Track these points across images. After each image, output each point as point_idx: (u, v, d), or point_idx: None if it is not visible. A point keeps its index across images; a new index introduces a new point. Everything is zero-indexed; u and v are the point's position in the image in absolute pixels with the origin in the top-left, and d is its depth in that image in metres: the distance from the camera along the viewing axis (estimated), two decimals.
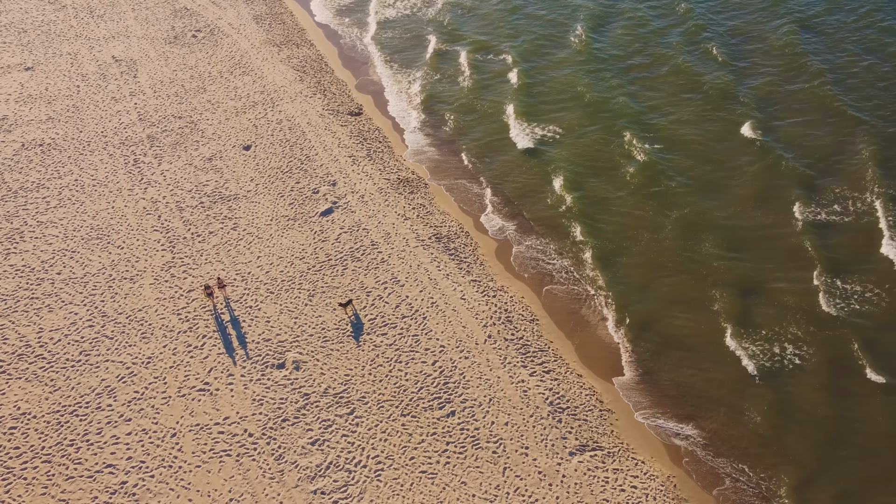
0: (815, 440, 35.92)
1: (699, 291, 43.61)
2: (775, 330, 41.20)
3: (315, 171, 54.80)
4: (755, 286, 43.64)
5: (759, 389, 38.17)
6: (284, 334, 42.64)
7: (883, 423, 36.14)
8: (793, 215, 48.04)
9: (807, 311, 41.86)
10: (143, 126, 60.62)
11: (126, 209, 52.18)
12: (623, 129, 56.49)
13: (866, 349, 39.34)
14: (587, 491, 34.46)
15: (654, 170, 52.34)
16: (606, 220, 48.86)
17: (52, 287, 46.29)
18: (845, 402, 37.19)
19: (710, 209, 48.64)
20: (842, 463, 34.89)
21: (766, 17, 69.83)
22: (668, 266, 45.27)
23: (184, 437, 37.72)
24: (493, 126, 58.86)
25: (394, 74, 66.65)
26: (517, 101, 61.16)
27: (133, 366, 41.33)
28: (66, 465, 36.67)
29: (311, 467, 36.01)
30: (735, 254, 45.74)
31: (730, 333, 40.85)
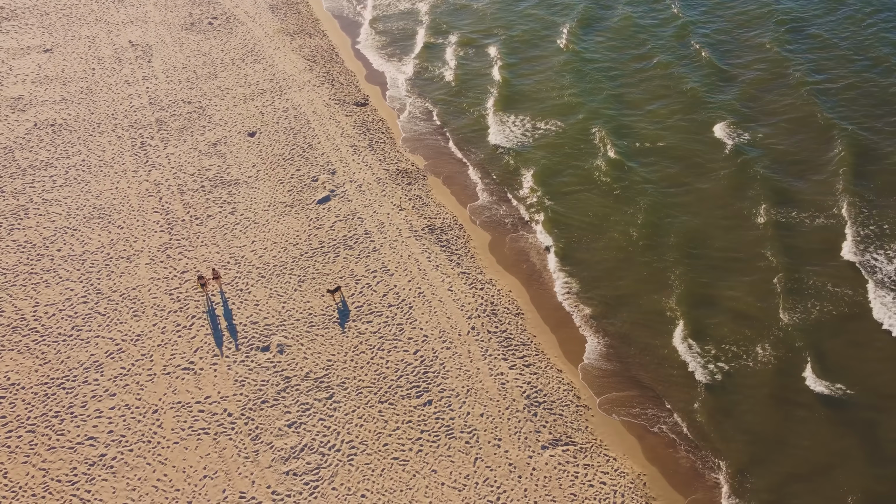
0: (761, 446, 35.66)
1: (664, 293, 43.39)
2: (730, 334, 40.89)
3: (316, 160, 55.31)
4: (716, 290, 43.36)
5: (719, 393, 37.92)
6: (272, 318, 43.18)
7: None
8: (757, 217, 47.65)
9: (760, 315, 41.46)
10: (153, 110, 61.60)
11: (129, 190, 53.11)
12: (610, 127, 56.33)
13: (814, 356, 38.98)
14: (556, 485, 34.52)
15: (636, 174, 52.14)
16: (602, 221, 48.77)
17: (51, 263, 47.30)
18: (787, 408, 36.90)
19: (676, 208, 48.38)
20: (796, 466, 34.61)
21: (753, 20, 69.09)
22: (642, 266, 45.09)
23: (165, 413, 38.41)
24: (502, 118, 58.92)
25: (403, 66, 66.92)
26: (512, 92, 61.15)
27: (122, 342, 42.13)
28: (49, 435, 37.52)
29: (286, 449, 36.47)
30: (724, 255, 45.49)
31: (691, 337, 40.59)
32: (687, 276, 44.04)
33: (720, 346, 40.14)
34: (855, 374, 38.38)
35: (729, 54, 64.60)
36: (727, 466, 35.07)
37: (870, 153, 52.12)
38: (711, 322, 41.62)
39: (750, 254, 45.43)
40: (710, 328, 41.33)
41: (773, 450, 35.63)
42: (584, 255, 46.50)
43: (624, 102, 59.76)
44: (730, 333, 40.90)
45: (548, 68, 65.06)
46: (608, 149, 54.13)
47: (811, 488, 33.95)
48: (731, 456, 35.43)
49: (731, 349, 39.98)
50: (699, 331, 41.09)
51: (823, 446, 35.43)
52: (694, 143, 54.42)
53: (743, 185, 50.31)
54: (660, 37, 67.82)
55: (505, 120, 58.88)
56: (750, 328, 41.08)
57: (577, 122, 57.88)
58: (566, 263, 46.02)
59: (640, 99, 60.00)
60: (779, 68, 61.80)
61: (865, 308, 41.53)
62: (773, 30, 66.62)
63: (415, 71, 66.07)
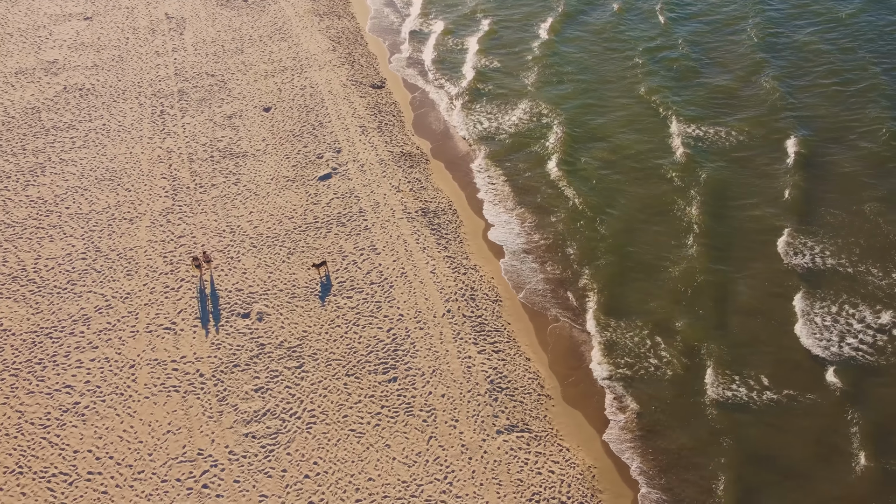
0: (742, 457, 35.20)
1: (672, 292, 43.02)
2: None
3: (324, 138, 56.21)
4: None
5: (710, 401, 37.52)
6: (256, 287, 44.24)
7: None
8: (690, 211, 47.47)
9: (665, 325, 40.91)
10: (177, 81, 63.33)
11: (142, 155, 54.84)
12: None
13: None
14: (504, 469, 34.73)
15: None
16: (602, 216, 48.54)
17: (58, 219, 49.23)
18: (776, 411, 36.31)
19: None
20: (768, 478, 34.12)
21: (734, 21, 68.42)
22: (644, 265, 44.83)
23: (141, 369, 39.77)
24: (512, 110, 58.95)
25: (426, 51, 67.37)
26: (549, 86, 61.06)
27: (112, 299, 43.69)
28: (31, 380, 39.23)
29: (250, 412, 37.44)
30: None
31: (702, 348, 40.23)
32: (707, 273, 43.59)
33: (674, 347, 39.73)
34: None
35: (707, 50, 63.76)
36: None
37: (821, 160, 51.87)
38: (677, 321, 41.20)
39: (679, 232, 45.87)
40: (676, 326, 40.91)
41: (709, 448, 35.21)
42: (586, 254, 46.38)
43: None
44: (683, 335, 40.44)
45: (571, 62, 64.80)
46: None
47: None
48: (674, 456, 35.10)
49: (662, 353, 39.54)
50: (669, 328, 40.67)
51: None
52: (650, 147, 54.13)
53: (687, 187, 49.92)
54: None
55: (519, 111, 58.83)
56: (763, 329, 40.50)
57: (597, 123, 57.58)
58: (549, 255, 45.94)
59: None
60: (751, 69, 61.87)
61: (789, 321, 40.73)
62: (754, 31, 66.55)
63: (437, 57, 66.41)
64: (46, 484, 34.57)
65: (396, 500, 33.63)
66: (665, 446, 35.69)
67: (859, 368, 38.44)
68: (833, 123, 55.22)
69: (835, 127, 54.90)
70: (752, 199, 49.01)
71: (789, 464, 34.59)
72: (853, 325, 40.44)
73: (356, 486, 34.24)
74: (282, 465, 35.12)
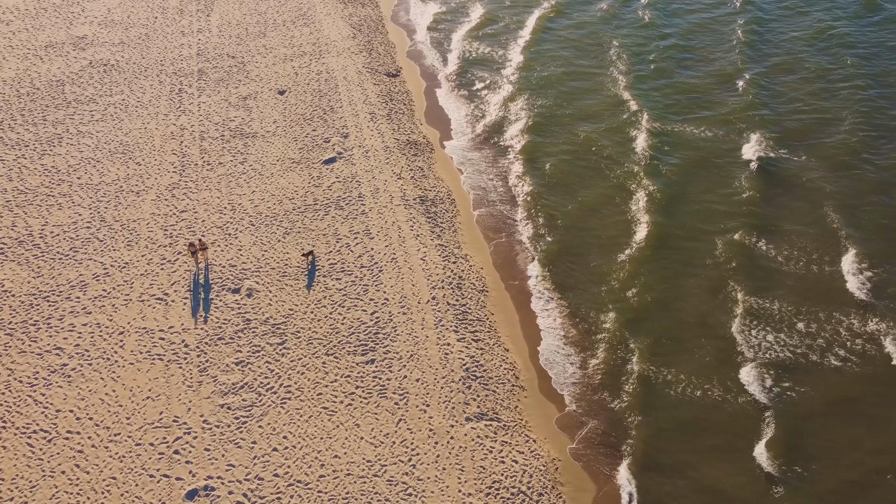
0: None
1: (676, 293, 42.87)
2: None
3: (333, 122, 56.93)
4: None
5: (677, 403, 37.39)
6: (249, 263, 45.11)
7: None
8: (628, 209, 46.96)
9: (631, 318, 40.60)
10: (199, 61, 64.65)
11: (156, 131, 56.17)
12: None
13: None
14: (468, 455, 35.01)
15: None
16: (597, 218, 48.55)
17: (68, 189, 50.76)
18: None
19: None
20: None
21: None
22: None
23: (129, 336, 40.92)
24: (522, 102, 59.10)
25: (448, 43, 67.72)
26: (549, 80, 61.04)
27: (110, 267, 44.96)
28: (24, 340, 40.63)
29: (228, 384, 38.31)
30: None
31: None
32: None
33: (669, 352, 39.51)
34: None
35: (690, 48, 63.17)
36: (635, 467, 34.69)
37: (782, 162, 51.94)
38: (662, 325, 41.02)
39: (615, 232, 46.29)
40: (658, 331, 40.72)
41: (698, 452, 35.04)
42: (564, 245, 46.43)
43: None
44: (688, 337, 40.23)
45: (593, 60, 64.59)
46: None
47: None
48: (645, 459, 35.03)
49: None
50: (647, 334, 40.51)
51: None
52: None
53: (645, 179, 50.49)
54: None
55: (537, 106, 58.90)
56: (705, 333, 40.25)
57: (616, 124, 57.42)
58: (543, 248, 46.03)
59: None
60: (727, 70, 62.03)
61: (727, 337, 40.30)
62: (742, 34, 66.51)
63: (461, 49, 66.72)
64: (27, 440, 35.83)
65: (359, 478, 34.14)
66: (624, 433, 35.60)
67: (785, 369, 38.18)
68: (799, 127, 55.17)
69: (801, 130, 54.84)
70: (707, 195, 49.24)
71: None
72: (785, 330, 40.40)
73: (321, 462, 34.84)
74: (252, 437, 35.88)
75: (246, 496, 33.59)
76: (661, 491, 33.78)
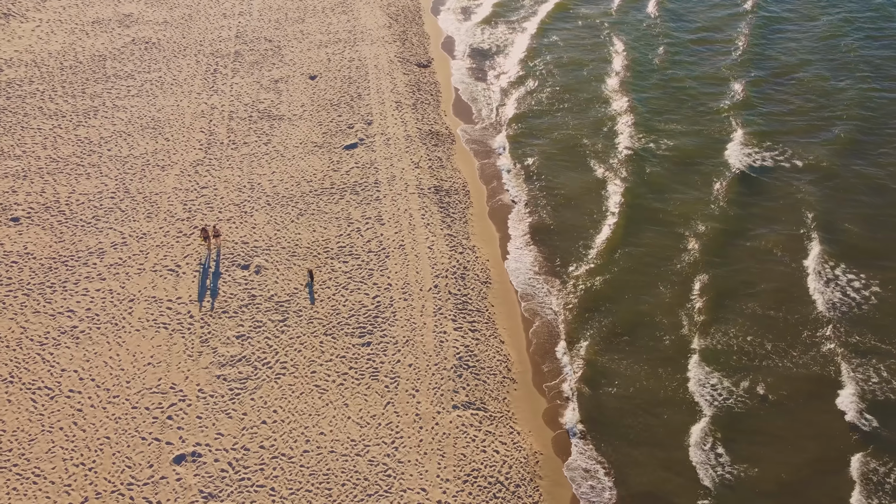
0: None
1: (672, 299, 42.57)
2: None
3: (359, 109, 57.66)
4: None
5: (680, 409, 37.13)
6: (261, 241, 46.11)
7: None
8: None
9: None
10: (236, 43, 66.08)
11: (187, 109, 57.67)
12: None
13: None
14: (450, 442, 35.33)
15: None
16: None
17: (98, 160, 52.51)
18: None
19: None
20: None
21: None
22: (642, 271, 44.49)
23: (139, 304, 42.25)
24: (548, 99, 59.05)
25: (481, 36, 67.90)
26: (572, 80, 60.79)
27: (128, 237, 46.44)
28: (39, 301, 42.28)
29: (227, 356, 39.30)
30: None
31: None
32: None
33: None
34: None
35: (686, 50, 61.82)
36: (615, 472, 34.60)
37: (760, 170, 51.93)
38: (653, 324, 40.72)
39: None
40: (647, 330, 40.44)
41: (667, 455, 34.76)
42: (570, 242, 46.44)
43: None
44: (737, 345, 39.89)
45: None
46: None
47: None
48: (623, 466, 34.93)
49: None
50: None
51: None
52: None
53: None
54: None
55: (558, 105, 58.82)
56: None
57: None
58: (549, 244, 46.11)
59: None
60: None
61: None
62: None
63: (490, 42, 66.89)
64: (31, 395, 37.35)
65: (341, 456, 34.74)
66: (616, 443, 35.49)
67: (730, 367, 37.34)
68: (787, 134, 55.35)
69: (786, 138, 54.95)
70: (682, 195, 49.48)
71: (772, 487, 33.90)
72: (739, 326, 40.69)
73: (307, 438, 35.54)
74: (244, 409, 36.77)
75: (231, 465, 34.47)
76: (638, 482, 33.65)
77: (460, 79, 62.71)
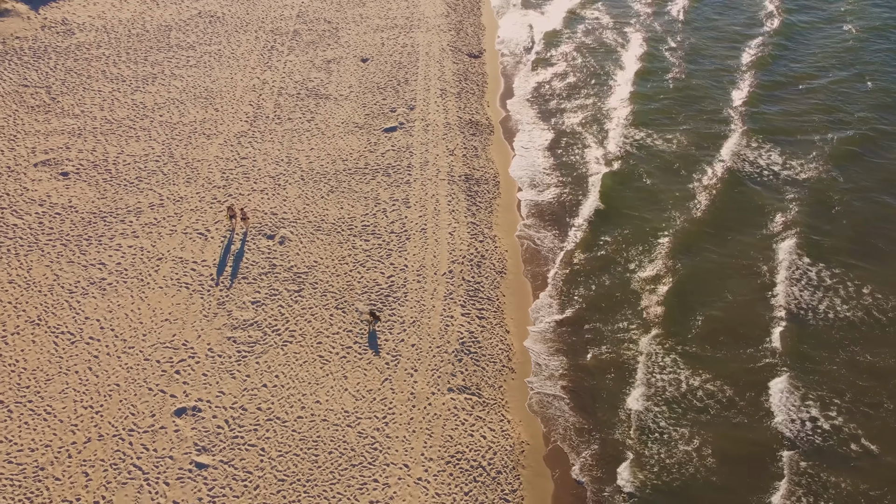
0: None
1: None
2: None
3: (404, 94, 58.46)
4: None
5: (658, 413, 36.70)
6: (290, 214, 47.42)
7: None
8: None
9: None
10: (296, 22, 67.76)
11: (240, 83, 59.55)
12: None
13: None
14: (440, 423, 35.81)
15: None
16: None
17: (149, 124, 54.81)
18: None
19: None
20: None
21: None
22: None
23: (165, 263, 44.08)
24: (582, 97, 58.70)
25: (534, 30, 67.82)
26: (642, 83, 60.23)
27: (166, 199, 48.42)
28: (75, 252, 44.58)
29: (240, 320, 40.69)
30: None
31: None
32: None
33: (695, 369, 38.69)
34: None
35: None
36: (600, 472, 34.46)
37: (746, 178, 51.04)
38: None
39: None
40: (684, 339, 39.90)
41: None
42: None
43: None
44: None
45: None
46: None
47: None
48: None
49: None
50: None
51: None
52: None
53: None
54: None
55: (599, 108, 58.42)
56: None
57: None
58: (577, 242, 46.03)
59: None
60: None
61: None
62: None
63: (549, 38, 66.77)
64: (54, 338, 39.50)
65: (333, 426, 35.64)
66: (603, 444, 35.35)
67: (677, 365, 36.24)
68: (784, 144, 54.40)
69: (783, 147, 54.05)
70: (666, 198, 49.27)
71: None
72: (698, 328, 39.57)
73: (303, 405, 36.57)
74: (247, 371, 38.06)
75: (227, 422, 35.76)
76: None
77: (508, 71, 62.76)
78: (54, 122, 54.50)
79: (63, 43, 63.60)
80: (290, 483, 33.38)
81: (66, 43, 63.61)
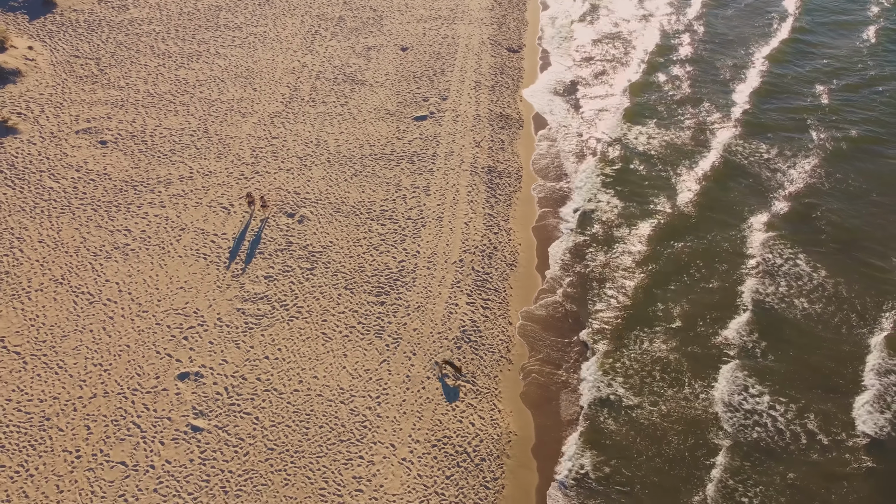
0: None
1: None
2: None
3: (438, 84, 58.94)
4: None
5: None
6: (311, 194, 48.42)
7: None
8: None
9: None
10: (343, 8, 68.83)
11: (280, 64, 60.87)
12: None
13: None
14: (430, 408, 36.29)
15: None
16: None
17: (189, 99, 56.50)
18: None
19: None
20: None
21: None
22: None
23: (187, 233, 45.54)
24: (609, 92, 58.35)
25: (578, 27, 67.55)
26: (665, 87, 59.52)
27: (195, 173, 49.94)
28: (104, 217, 46.39)
29: (251, 293, 41.84)
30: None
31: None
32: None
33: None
34: None
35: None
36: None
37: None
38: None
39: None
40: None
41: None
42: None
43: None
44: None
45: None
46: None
47: None
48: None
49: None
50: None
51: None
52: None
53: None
54: None
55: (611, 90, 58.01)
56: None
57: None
58: (588, 241, 45.90)
59: None
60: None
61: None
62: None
63: (590, 37, 66.44)
64: (74, 297, 41.24)
65: (327, 401, 36.45)
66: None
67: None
68: (773, 144, 53.92)
69: (771, 149, 53.51)
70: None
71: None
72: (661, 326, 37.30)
73: (300, 379, 37.47)
74: (252, 343, 39.15)
75: (226, 389, 36.89)
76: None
77: (546, 67, 62.61)
78: (99, 93, 56.60)
79: (117, 18, 65.88)
80: (278, 452, 34.28)
81: (120, 18, 65.88)
